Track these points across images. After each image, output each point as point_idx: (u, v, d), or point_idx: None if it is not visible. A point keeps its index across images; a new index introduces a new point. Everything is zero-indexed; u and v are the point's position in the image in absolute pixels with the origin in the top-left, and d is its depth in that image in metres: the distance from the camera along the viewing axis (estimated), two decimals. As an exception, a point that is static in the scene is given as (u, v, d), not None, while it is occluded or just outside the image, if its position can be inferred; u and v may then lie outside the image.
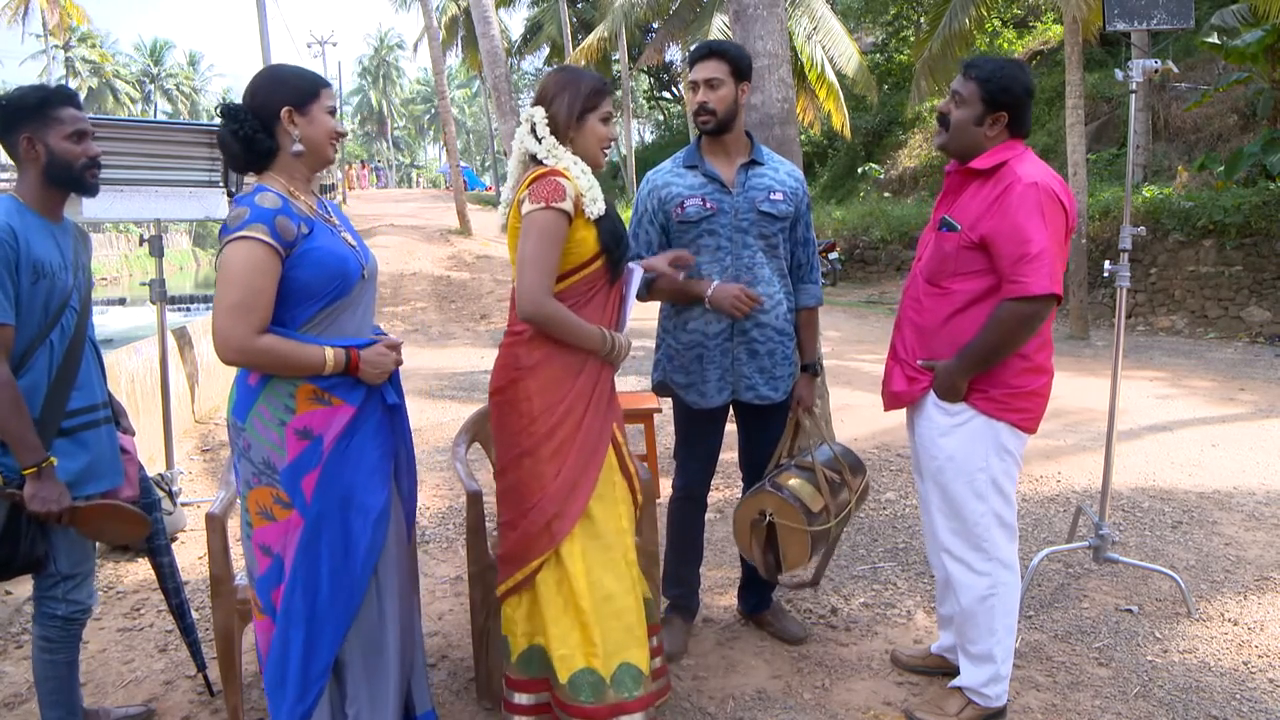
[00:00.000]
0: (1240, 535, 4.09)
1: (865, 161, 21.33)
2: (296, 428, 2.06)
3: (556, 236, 2.24)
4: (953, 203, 2.52)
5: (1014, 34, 21.03)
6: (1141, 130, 13.92)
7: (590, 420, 2.33)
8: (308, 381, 2.06)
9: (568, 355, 2.31)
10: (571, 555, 2.28)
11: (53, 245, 2.27)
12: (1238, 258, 10.41)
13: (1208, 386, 7.52)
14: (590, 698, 2.24)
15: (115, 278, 31.71)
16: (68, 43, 45.68)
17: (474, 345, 10.73)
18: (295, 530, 2.07)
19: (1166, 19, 3.39)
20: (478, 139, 61.49)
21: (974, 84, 2.44)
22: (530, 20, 31.96)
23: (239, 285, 1.96)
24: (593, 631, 2.25)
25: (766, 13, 4.60)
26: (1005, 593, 2.54)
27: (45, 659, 2.35)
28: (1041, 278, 2.31)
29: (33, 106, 2.25)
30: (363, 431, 2.12)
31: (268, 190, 2.06)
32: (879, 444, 5.67)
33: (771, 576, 2.83)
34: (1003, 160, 2.42)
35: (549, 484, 2.28)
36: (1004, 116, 2.44)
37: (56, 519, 2.18)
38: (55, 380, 2.25)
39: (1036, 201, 2.34)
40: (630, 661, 2.29)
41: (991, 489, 2.50)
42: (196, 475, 5.34)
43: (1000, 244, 2.35)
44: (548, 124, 2.32)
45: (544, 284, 2.23)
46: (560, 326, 2.27)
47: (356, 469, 2.10)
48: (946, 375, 2.47)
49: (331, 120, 2.15)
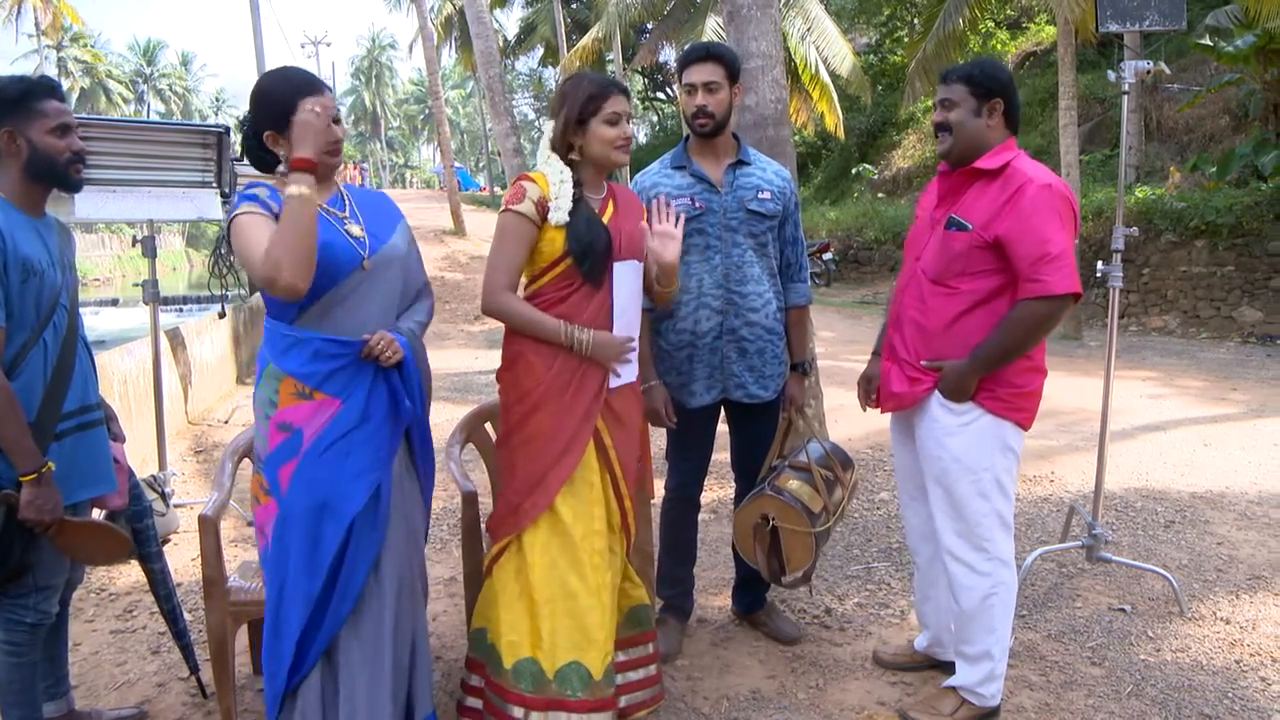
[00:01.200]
0: (1232, 535, 4.10)
1: (859, 162, 21.36)
2: (278, 421, 2.09)
3: (514, 235, 2.36)
4: (955, 203, 2.52)
5: (1007, 35, 21.07)
6: (1134, 131, 13.97)
7: (560, 417, 2.37)
8: (289, 376, 2.08)
9: (540, 349, 2.38)
10: (533, 546, 2.36)
11: (39, 242, 2.22)
12: (1230, 258, 10.45)
13: (1200, 386, 7.55)
14: (530, 687, 2.32)
15: (108, 278, 31.56)
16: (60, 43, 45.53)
17: (468, 346, 10.72)
18: (272, 516, 2.11)
19: (1159, 20, 3.40)
20: (472, 139, 61.37)
21: (959, 84, 2.48)
22: (525, 21, 31.91)
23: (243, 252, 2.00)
24: (541, 624, 2.32)
25: (760, 13, 4.61)
26: (1005, 592, 2.55)
27: (12, 662, 2.31)
28: (1064, 277, 2.34)
29: (14, 99, 2.19)
30: (352, 435, 2.10)
31: (261, 184, 2.11)
32: (873, 444, 5.68)
33: (775, 580, 2.83)
34: (1007, 160, 2.44)
35: (517, 472, 2.39)
36: (999, 104, 2.47)
37: (45, 528, 2.15)
38: (52, 381, 2.21)
39: (1052, 202, 2.37)
40: (581, 662, 2.32)
41: (995, 488, 2.51)
42: (189, 477, 5.33)
43: (1019, 245, 2.36)
44: (554, 136, 2.41)
45: (499, 279, 2.37)
46: (515, 320, 2.39)
47: (337, 469, 2.09)
48: (958, 376, 2.46)
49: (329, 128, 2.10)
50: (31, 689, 2.37)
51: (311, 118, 2.04)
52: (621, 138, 2.42)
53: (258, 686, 2.87)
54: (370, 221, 2.21)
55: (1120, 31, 3.44)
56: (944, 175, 2.61)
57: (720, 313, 2.84)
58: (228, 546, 3.96)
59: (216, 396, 7.63)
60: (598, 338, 2.37)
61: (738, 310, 2.84)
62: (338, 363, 2.10)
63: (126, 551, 2.35)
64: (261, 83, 2.14)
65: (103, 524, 2.29)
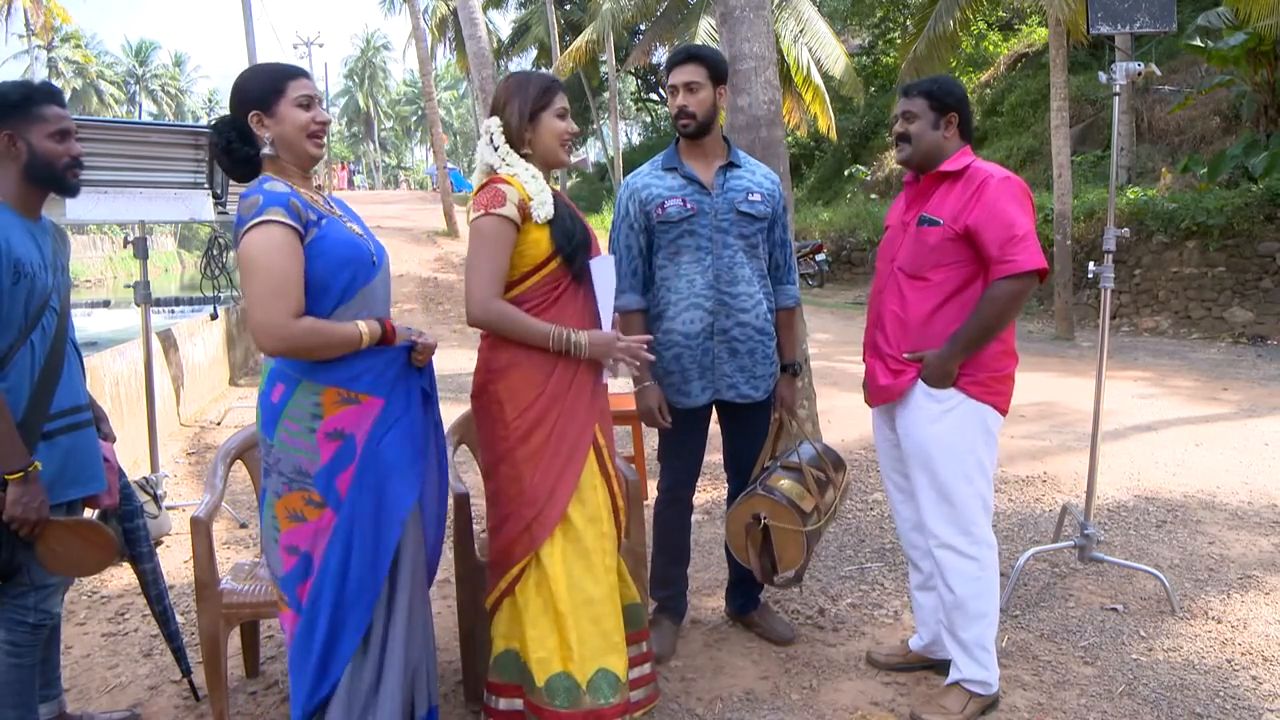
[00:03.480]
0: (1224, 534, 4.12)
1: (852, 163, 21.41)
2: (327, 430, 2.05)
3: (497, 240, 2.28)
4: (924, 204, 2.68)
5: (999, 36, 21.15)
6: (1125, 132, 14.02)
7: (564, 424, 2.34)
8: (332, 385, 2.05)
9: (535, 357, 2.32)
10: (551, 558, 2.29)
11: (32, 245, 2.24)
12: (1220, 259, 10.49)
13: (1191, 386, 7.58)
14: (565, 703, 2.26)
15: (99, 280, 31.46)
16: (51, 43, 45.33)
17: (461, 347, 10.71)
18: (327, 527, 2.07)
19: (1149, 22, 3.42)
20: (465, 140, 61.34)
21: (919, 98, 2.67)
22: (518, 22, 31.93)
23: (266, 270, 1.94)
24: (570, 635, 2.27)
25: (753, 15, 4.61)
26: (991, 573, 2.65)
27: (13, 663, 2.31)
28: (1031, 255, 2.50)
29: (15, 103, 2.22)
30: (396, 428, 2.12)
31: (272, 179, 2.06)
32: (866, 444, 5.68)
33: (767, 579, 2.84)
34: (967, 163, 2.63)
35: (526, 488, 2.30)
36: (955, 117, 2.65)
37: (30, 528, 2.14)
38: (38, 382, 2.21)
39: (1012, 191, 2.56)
40: (608, 668, 2.30)
41: (978, 471, 2.61)
42: (182, 479, 5.31)
43: (987, 231, 2.52)
44: (503, 132, 2.36)
45: (487, 287, 2.28)
46: (508, 327, 2.31)
47: (391, 465, 2.10)
48: (940, 361, 2.57)
49: (302, 113, 2.08)
50: (29, 691, 2.37)
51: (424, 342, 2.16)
52: (568, 132, 2.42)
53: (250, 689, 2.86)
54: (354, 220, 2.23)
55: (1111, 33, 3.45)
56: (910, 184, 2.79)
57: (711, 313, 2.85)
58: (220, 549, 3.95)
59: (209, 398, 7.62)
60: (592, 337, 2.36)
61: (728, 311, 2.85)
62: (382, 363, 2.10)
63: (113, 554, 2.32)
64: (240, 77, 2.14)
65: (89, 522, 2.28)
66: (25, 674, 2.34)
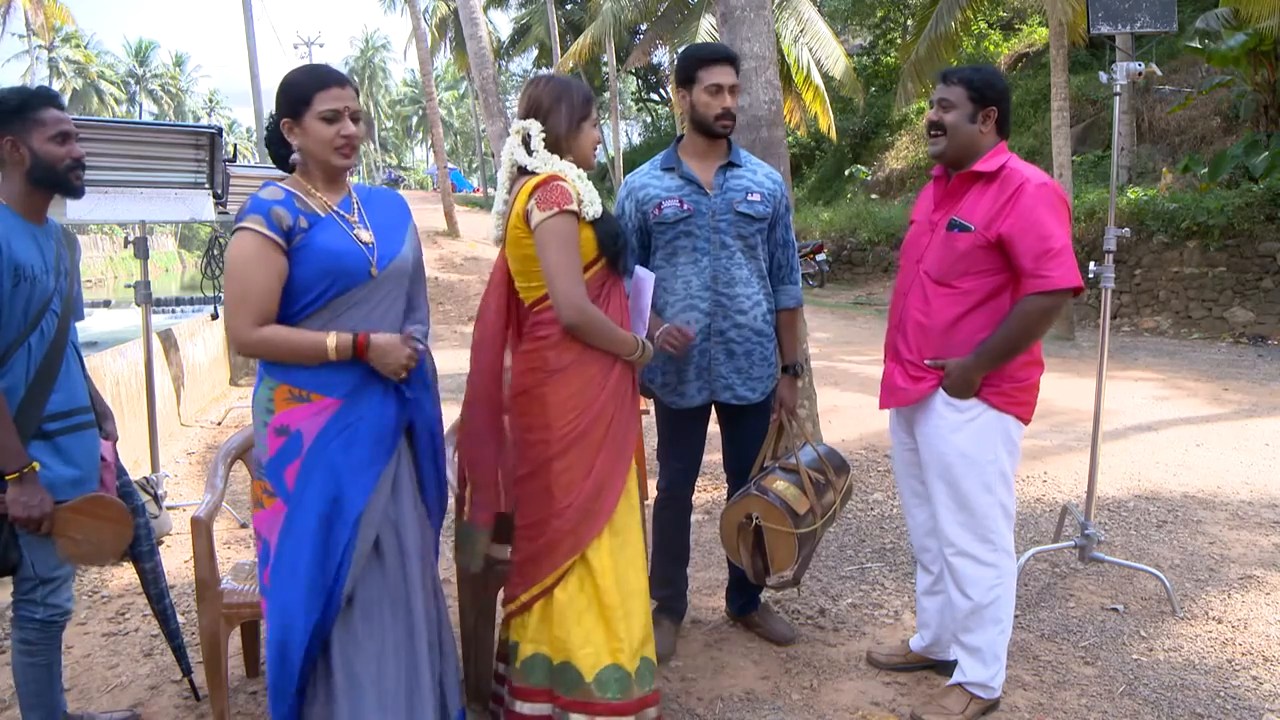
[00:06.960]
0: (1224, 534, 4.12)
1: (852, 163, 21.40)
2: (275, 426, 2.08)
3: (574, 239, 2.27)
4: (954, 206, 2.56)
5: (1000, 36, 21.15)
6: (1126, 133, 14.02)
7: (619, 420, 2.36)
8: (283, 382, 2.07)
9: (600, 358, 2.33)
10: (598, 553, 2.30)
11: (35, 248, 2.26)
12: (1221, 259, 10.49)
13: (1192, 387, 7.57)
14: (617, 694, 2.27)
15: (100, 280, 31.48)
16: (51, 43, 45.33)
17: (463, 347, 10.69)
18: (279, 516, 2.09)
19: (1150, 22, 3.42)
20: (465, 140, 61.33)
21: (959, 87, 2.53)
22: (518, 22, 31.93)
23: (235, 279, 2.03)
24: (619, 627, 2.28)
25: (754, 15, 4.62)
26: (1009, 581, 2.61)
27: (26, 662, 2.34)
28: (1067, 271, 2.40)
29: (14, 109, 2.24)
30: (350, 431, 2.09)
31: (275, 185, 2.10)
32: (867, 445, 5.69)
33: (759, 579, 2.84)
34: (1003, 163, 2.50)
35: (580, 485, 2.30)
36: (994, 112, 2.52)
37: (37, 525, 2.16)
38: (32, 384, 2.23)
39: (1050, 200, 2.44)
40: (648, 656, 2.36)
41: (999, 480, 2.55)
42: (182, 479, 5.31)
43: (1021, 241, 2.41)
44: (543, 136, 2.33)
45: (579, 289, 2.26)
46: (600, 330, 2.30)
47: (343, 462, 2.08)
48: (963, 372, 2.50)
49: (326, 129, 2.07)
50: (49, 690, 2.39)
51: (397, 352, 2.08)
52: (599, 140, 2.44)
53: (250, 689, 2.86)
54: (380, 227, 2.18)
55: (1112, 33, 3.45)
56: (940, 180, 2.65)
57: (708, 314, 2.84)
58: (221, 549, 3.95)
59: (209, 398, 7.62)
60: (648, 345, 2.43)
61: (725, 312, 2.84)
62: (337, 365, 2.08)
63: (128, 522, 2.34)
64: (288, 75, 2.14)
65: (92, 496, 2.28)
66: (41, 672, 2.37)
